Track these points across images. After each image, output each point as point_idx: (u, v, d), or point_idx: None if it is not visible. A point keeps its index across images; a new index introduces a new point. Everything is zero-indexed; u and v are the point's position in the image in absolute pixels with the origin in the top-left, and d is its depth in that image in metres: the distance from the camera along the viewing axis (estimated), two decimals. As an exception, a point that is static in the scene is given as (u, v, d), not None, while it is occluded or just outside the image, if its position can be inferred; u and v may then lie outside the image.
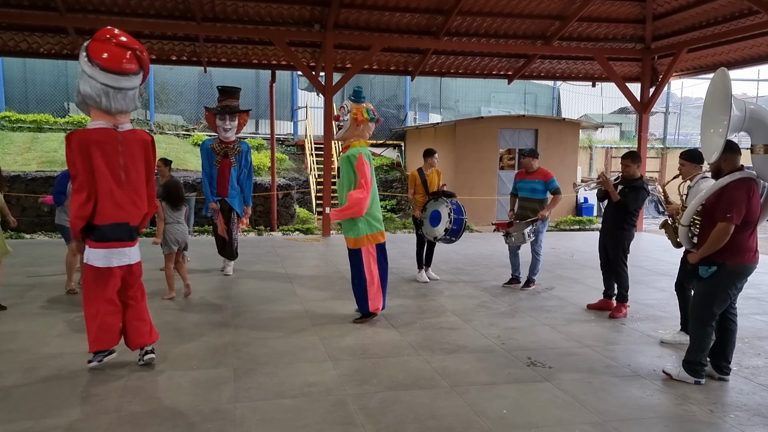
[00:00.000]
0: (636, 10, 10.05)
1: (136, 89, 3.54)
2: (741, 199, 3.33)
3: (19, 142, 12.48)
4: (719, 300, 3.48)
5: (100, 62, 3.34)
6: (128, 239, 3.55)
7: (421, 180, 6.36)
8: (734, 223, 3.34)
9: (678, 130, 20.13)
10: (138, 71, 3.48)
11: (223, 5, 8.89)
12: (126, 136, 3.50)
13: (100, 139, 3.41)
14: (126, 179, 3.49)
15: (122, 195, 3.48)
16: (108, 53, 3.36)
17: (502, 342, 4.30)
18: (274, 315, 4.94)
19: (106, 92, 3.37)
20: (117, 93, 3.40)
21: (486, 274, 6.82)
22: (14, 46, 9.70)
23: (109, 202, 3.43)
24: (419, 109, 17.64)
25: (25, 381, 3.44)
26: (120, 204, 3.47)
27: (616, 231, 5.03)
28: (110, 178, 3.42)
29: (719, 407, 3.24)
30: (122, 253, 3.52)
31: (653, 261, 7.72)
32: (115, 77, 3.37)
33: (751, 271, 3.50)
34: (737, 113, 3.28)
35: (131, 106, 3.51)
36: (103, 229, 3.45)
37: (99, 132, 3.43)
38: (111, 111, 3.43)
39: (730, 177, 3.41)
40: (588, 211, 13.35)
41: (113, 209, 3.45)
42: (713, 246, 3.40)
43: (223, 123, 6.19)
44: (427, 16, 9.60)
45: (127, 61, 3.40)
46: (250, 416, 3.03)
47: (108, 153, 3.42)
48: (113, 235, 3.47)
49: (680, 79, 15.76)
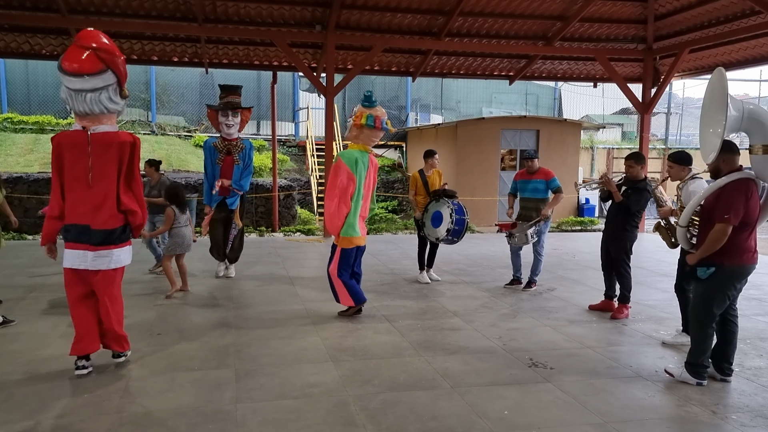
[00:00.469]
0: (638, 11, 10.03)
1: (101, 91, 3.37)
2: (739, 200, 3.32)
3: (21, 143, 12.52)
4: (718, 301, 3.47)
5: (61, 64, 3.33)
6: (88, 242, 3.41)
7: (423, 181, 6.36)
8: (732, 224, 3.33)
9: (680, 130, 20.09)
10: (101, 71, 3.34)
11: (224, 6, 8.91)
12: (97, 138, 3.40)
13: (69, 142, 3.41)
14: (93, 182, 3.40)
15: (88, 197, 3.41)
16: (66, 55, 3.33)
17: (504, 343, 4.30)
18: (275, 316, 4.95)
19: (69, 94, 3.38)
20: (77, 95, 3.35)
21: (487, 275, 6.81)
22: (16, 47, 9.73)
23: (74, 203, 3.42)
24: (420, 109, 17.63)
25: (27, 381, 3.45)
26: (84, 205, 3.42)
27: (619, 232, 5.03)
28: (76, 179, 3.41)
29: (721, 408, 3.23)
30: (81, 255, 3.42)
31: (655, 262, 7.71)
32: (68, 79, 3.33)
33: (750, 271, 3.49)
34: (734, 113, 3.28)
35: (96, 108, 3.38)
36: (66, 228, 3.46)
37: (70, 135, 3.45)
38: (77, 113, 3.42)
39: (729, 177, 3.40)
40: (589, 211, 13.33)
41: (76, 210, 3.42)
42: (711, 247, 3.40)
43: (226, 119, 6.16)
44: (428, 17, 9.61)
45: (83, 61, 3.28)
46: (252, 417, 3.04)
47: (75, 155, 3.39)
48: (73, 236, 3.43)
49: (682, 80, 15.72)
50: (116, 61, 3.40)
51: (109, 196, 3.45)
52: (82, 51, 3.31)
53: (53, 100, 14.61)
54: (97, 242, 3.43)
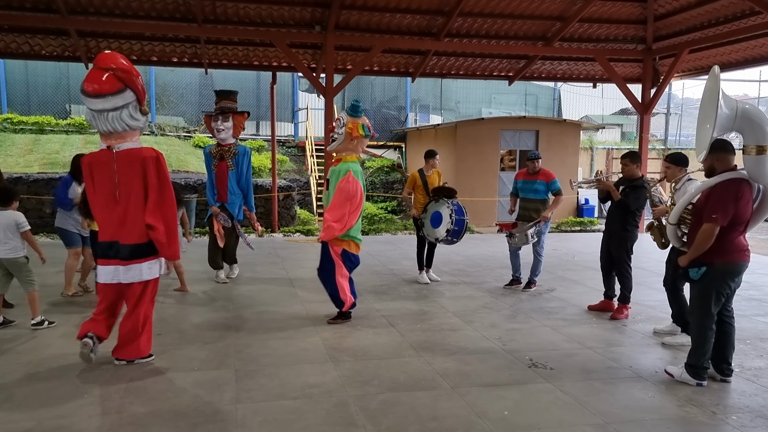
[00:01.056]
0: (637, 11, 10.04)
1: (121, 110, 3.50)
2: (728, 200, 3.32)
3: (21, 144, 12.51)
4: (715, 300, 3.47)
5: (82, 87, 3.51)
6: (116, 257, 3.57)
7: (422, 181, 6.36)
8: (720, 224, 3.33)
9: (679, 131, 20.10)
10: (119, 91, 3.47)
11: (223, 7, 8.91)
12: (122, 155, 3.56)
13: (95, 161, 3.62)
14: (120, 198, 3.56)
15: (113, 214, 3.58)
16: (87, 78, 3.51)
17: (504, 343, 4.30)
18: (275, 316, 4.95)
19: (92, 115, 3.54)
20: (99, 115, 3.50)
21: (487, 276, 6.81)
22: (16, 48, 9.73)
23: (104, 219, 3.63)
24: (420, 110, 17.63)
25: (27, 381, 3.45)
26: (112, 223, 3.59)
27: (619, 232, 5.03)
28: (105, 197, 3.59)
29: (721, 409, 3.23)
30: (113, 270, 3.60)
31: (655, 262, 7.71)
32: (90, 100, 3.49)
33: (741, 269, 3.48)
34: (726, 111, 3.28)
35: (119, 126, 3.52)
36: (98, 245, 3.69)
37: (96, 154, 3.65)
38: (101, 133, 3.58)
39: (720, 177, 3.41)
40: (589, 212, 13.34)
41: (107, 227, 3.62)
42: (700, 247, 3.40)
43: (217, 124, 6.10)
44: (427, 18, 9.61)
45: (102, 83, 3.44)
46: (252, 417, 3.04)
47: (103, 173, 3.58)
48: (103, 252, 3.63)
49: (681, 80, 15.72)
50: (134, 80, 3.56)
51: (135, 211, 3.58)
52: (101, 73, 3.48)
53: (53, 100, 14.61)
54: (126, 257, 3.59)
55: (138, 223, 3.58)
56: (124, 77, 3.50)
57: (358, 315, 4.99)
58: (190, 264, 7.16)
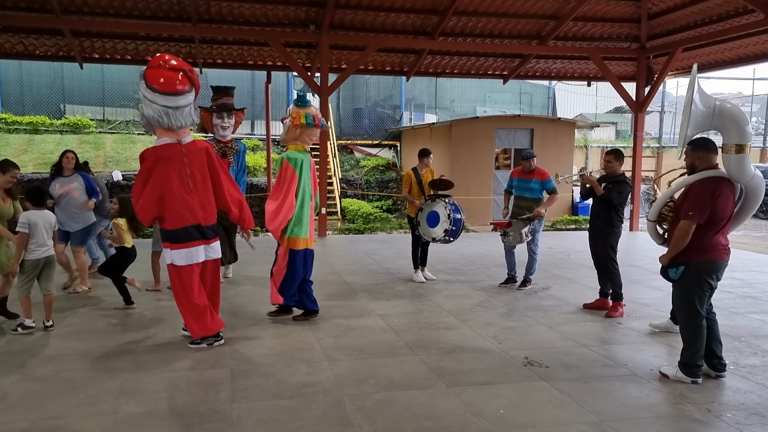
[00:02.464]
0: (631, 10, 10.08)
1: (191, 105, 4.00)
2: (705, 198, 3.33)
3: (15, 144, 12.43)
4: (698, 297, 3.48)
5: (158, 87, 3.83)
6: (202, 238, 4.00)
7: (417, 179, 6.36)
8: (696, 221, 3.34)
9: (673, 129, 20.20)
10: (190, 89, 3.96)
11: (218, 6, 8.87)
12: (189, 147, 3.99)
13: (167, 155, 3.92)
14: (194, 186, 3.97)
15: (193, 201, 3.95)
16: (163, 78, 3.85)
17: (499, 342, 4.31)
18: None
19: (166, 112, 3.87)
20: (175, 111, 3.89)
21: (482, 274, 6.83)
22: (10, 48, 9.67)
23: (182, 208, 3.92)
24: (415, 109, 17.63)
25: (22, 382, 3.43)
26: (191, 209, 3.94)
27: (604, 227, 5.06)
28: (181, 187, 3.91)
29: (716, 406, 3.24)
30: (199, 250, 3.98)
31: (649, 260, 7.75)
32: (171, 98, 3.86)
33: (720, 267, 3.48)
34: (702, 108, 3.29)
35: (188, 121, 3.99)
36: (178, 233, 3.93)
37: (165, 148, 3.95)
38: (173, 128, 3.93)
39: (699, 175, 3.42)
40: (584, 210, 13.38)
41: (185, 214, 3.92)
42: (677, 245, 3.42)
43: (221, 121, 6.12)
44: (422, 17, 9.61)
45: (179, 82, 3.88)
46: (247, 417, 3.03)
47: (176, 165, 3.92)
48: (186, 237, 3.93)
49: (675, 78, 15.81)
50: (197, 79, 4.03)
51: (208, 196, 4.04)
52: (176, 73, 3.88)
53: (47, 100, 14.52)
54: (211, 236, 4.06)
55: (211, 206, 4.07)
56: (192, 77, 3.95)
57: (354, 314, 4.99)
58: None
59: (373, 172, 14.93)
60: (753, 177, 3.39)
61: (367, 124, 16.70)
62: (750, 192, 3.48)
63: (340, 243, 9.36)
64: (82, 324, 4.62)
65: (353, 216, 12.13)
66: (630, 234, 10.15)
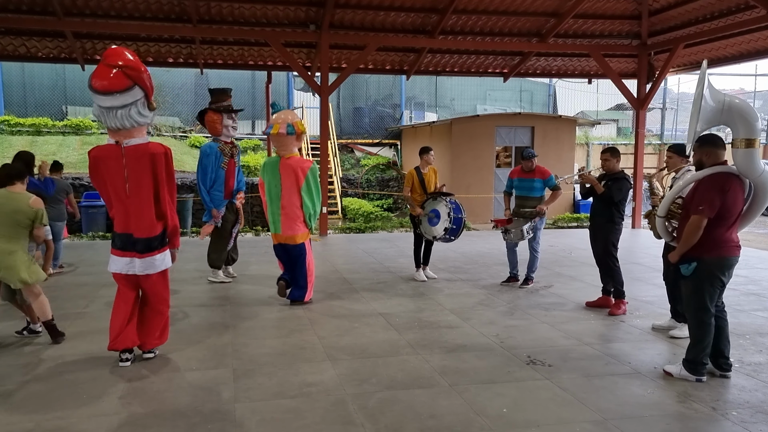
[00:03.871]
0: (631, 6, 10.05)
1: (130, 106, 3.48)
2: (714, 192, 3.33)
3: (18, 145, 12.45)
4: (709, 294, 3.47)
5: (91, 84, 3.48)
6: (131, 250, 3.63)
7: (419, 179, 6.35)
8: (706, 216, 3.33)
9: (675, 125, 20.15)
10: (128, 88, 3.45)
11: (218, 7, 8.87)
12: (130, 150, 3.57)
13: (104, 156, 3.61)
14: (131, 192, 3.60)
15: (128, 207, 3.62)
16: (95, 74, 3.47)
17: (501, 340, 4.30)
18: (272, 315, 4.94)
19: (101, 112, 3.52)
20: (108, 112, 3.48)
21: (484, 272, 6.82)
22: (13, 50, 9.70)
23: (118, 213, 3.67)
24: (415, 107, 17.62)
25: (26, 383, 3.44)
26: (126, 216, 3.64)
27: (605, 225, 5.04)
28: (116, 191, 3.61)
29: (721, 405, 3.23)
30: (128, 262, 3.65)
31: (652, 257, 7.73)
32: (99, 97, 3.46)
33: (732, 263, 3.48)
34: (711, 104, 3.29)
35: (127, 123, 3.50)
36: (113, 237, 3.75)
37: (104, 149, 3.64)
38: (110, 129, 3.59)
39: (708, 170, 3.42)
40: (585, 208, 13.35)
41: (120, 220, 3.66)
42: (688, 240, 3.41)
43: (232, 121, 6.19)
44: (422, 15, 9.60)
45: (109, 79, 3.41)
46: (250, 416, 3.03)
47: (111, 168, 3.59)
48: (119, 245, 3.69)
49: (677, 75, 15.76)
50: (142, 76, 3.53)
51: (145, 205, 3.62)
52: (109, 69, 3.44)
53: (50, 102, 14.56)
54: (142, 249, 3.64)
55: (149, 217, 3.64)
56: (132, 74, 3.47)
57: (356, 313, 4.99)
58: (186, 263, 7.15)
59: (373, 171, 14.92)
60: (763, 173, 3.37)
61: (367, 123, 16.70)
62: (759, 188, 3.45)
63: (341, 242, 9.36)
64: (86, 325, 4.62)
65: (354, 215, 12.13)
66: (632, 231, 10.13)
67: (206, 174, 6.01)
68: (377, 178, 14.70)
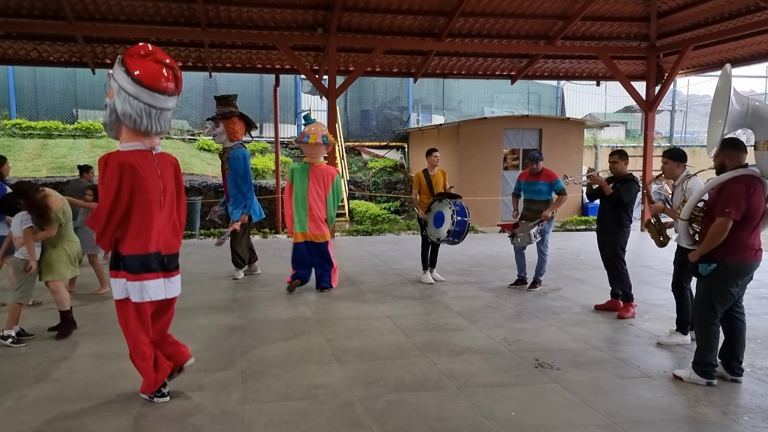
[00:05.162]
0: (640, 8, 9.99)
1: (172, 110, 3.27)
2: (740, 195, 3.31)
3: (29, 148, 12.62)
4: (720, 298, 3.44)
5: (145, 80, 3.04)
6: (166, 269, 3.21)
7: (426, 181, 6.35)
8: (733, 218, 3.31)
9: (684, 128, 20.00)
10: (175, 91, 3.23)
11: (227, 11, 8.95)
12: (160, 158, 3.24)
13: (140, 162, 3.12)
14: (164, 203, 3.20)
15: (160, 221, 3.18)
16: (152, 71, 3.07)
17: (509, 343, 4.29)
18: (280, 317, 4.96)
19: (148, 112, 3.08)
20: (159, 113, 3.13)
21: (491, 275, 6.80)
22: (25, 55, 9.84)
23: (143, 229, 3.12)
24: (422, 110, 17.63)
25: (37, 383, 3.48)
26: (157, 231, 3.17)
27: (613, 227, 5.02)
28: (150, 203, 3.12)
29: (732, 409, 3.20)
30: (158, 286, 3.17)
31: (661, 261, 7.66)
32: (159, 97, 3.10)
33: (752, 269, 3.46)
34: (737, 108, 3.28)
35: (167, 127, 3.27)
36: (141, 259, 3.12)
37: (138, 154, 3.14)
38: (150, 132, 3.15)
39: (732, 173, 3.40)
40: (593, 210, 13.27)
41: (152, 236, 3.14)
42: (712, 242, 3.38)
43: (212, 129, 6.40)
44: (429, 18, 9.61)
45: (168, 79, 3.13)
46: (258, 418, 3.05)
47: (149, 176, 3.12)
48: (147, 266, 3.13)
49: (686, 77, 15.64)
50: (182, 81, 3.30)
51: (174, 218, 3.31)
52: (166, 69, 3.13)
53: (60, 105, 14.75)
54: (173, 268, 3.25)
55: (176, 231, 3.30)
56: (179, 77, 3.20)
57: (363, 315, 5.00)
58: (196, 265, 7.20)
59: (380, 174, 14.94)
60: None
61: (374, 125, 16.73)
62: None
63: (348, 244, 9.37)
64: (95, 326, 4.67)
65: (361, 217, 12.14)
66: (641, 234, 10.05)
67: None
68: (384, 180, 14.71)
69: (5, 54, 9.73)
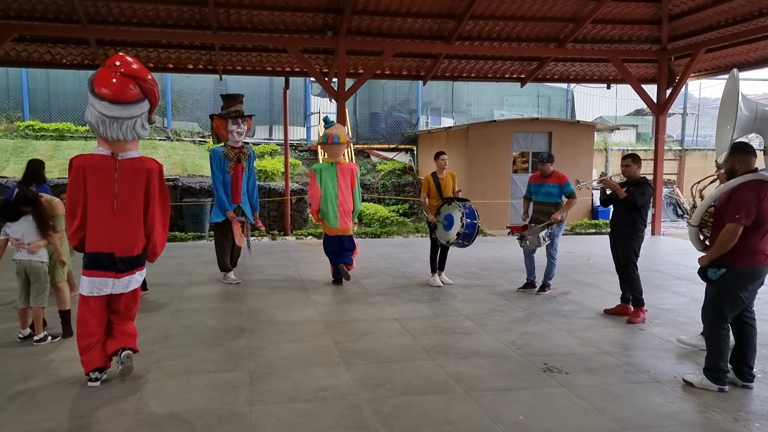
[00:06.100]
0: (651, 11, 9.92)
1: (137, 118, 3.40)
2: (750, 200, 3.28)
3: (42, 150, 12.80)
4: (730, 303, 3.41)
5: (98, 91, 3.29)
6: (110, 269, 3.41)
7: (435, 184, 6.35)
8: (743, 224, 3.28)
9: (696, 131, 19.79)
10: (139, 100, 3.37)
11: (238, 14, 9.03)
12: (125, 164, 3.41)
13: (94, 166, 3.39)
14: (119, 208, 3.39)
15: (111, 224, 3.39)
16: (107, 82, 3.29)
17: (518, 347, 4.26)
18: (288, 319, 4.98)
19: (102, 120, 3.33)
20: (113, 122, 3.33)
21: (500, 278, 6.77)
22: (38, 57, 9.99)
23: (97, 229, 3.38)
24: (431, 113, 17.62)
25: (47, 383, 3.52)
26: (107, 233, 3.39)
27: (627, 231, 4.98)
28: (99, 205, 3.37)
29: (743, 415, 3.16)
30: (104, 283, 3.41)
31: (672, 265, 7.59)
32: (109, 106, 3.30)
33: (763, 274, 3.42)
34: (746, 113, 3.27)
35: (129, 135, 3.39)
36: (88, 255, 3.42)
37: (95, 158, 3.42)
38: (107, 139, 3.39)
39: (742, 178, 3.38)
40: (604, 214, 13.16)
41: (99, 237, 3.38)
42: (722, 247, 3.36)
43: (237, 127, 6.28)
44: (438, 21, 9.62)
45: (127, 90, 3.29)
46: (266, 419, 3.06)
47: (100, 180, 3.37)
48: (95, 264, 3.39)
49: (698, 80, 15.47)
50: (155, 90, 3.45)
51: (133, 222, 3.45)
52: (127, 80, 3.31)
53: (73, 107, 14.95)
54: (123, 269, 3.44)
55: (136, 236, 3.47)
56: (145, 86, 3.38)
57: (371, 318, 5.00)
58: (204, 267, 7.25)
59: (389, 176, 14.95)
60: None
61: (383, 128, 16.76)
62: None
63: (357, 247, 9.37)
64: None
65: (370, 220, 12.15)
66: (652, 238, 9.95)
67: (213, 175, 6.33)
68: (393, 183, 14.72)
69: (19, 56, 9.89)
